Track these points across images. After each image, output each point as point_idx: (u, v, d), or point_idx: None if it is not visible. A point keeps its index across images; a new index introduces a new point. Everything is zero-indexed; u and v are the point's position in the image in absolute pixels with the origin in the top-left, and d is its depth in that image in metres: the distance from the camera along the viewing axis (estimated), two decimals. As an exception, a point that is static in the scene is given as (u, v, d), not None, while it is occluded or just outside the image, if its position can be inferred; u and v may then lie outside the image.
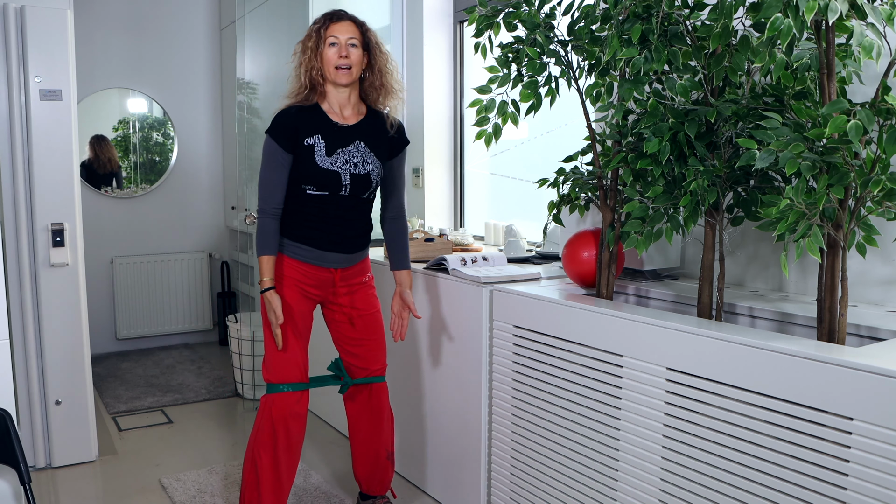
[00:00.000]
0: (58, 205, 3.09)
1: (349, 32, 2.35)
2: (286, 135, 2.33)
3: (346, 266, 2.47)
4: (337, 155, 2.36)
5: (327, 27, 2.35)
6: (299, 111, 2.37)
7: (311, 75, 2.36)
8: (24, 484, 1.91)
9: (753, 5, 1.81)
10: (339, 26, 2.35)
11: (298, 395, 2.41)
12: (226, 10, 5.15)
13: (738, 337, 1.69)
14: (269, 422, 2.39)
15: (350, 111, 2.43)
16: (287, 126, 2.34)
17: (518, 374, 2.38)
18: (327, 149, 2.36)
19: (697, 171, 1.89)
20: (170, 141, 5.23)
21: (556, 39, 2.19)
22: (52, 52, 3.03)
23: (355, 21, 2.39)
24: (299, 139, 2.34)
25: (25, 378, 3.13)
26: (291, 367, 2.40)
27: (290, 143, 2.34)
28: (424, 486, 2.95)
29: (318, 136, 2.35)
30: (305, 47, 2.37)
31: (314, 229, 2.39)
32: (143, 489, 3.03)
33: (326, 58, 2.34)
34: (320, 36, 2.35)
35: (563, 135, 3.33)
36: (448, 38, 4.01)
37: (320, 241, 2.40)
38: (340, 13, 2.39)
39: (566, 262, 2.42)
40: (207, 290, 5.38)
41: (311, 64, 2.35)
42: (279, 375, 2.39)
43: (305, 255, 2.40)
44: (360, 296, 2.52)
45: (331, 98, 2.40)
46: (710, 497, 1.77)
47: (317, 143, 2.35)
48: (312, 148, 2.35)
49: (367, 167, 2.41)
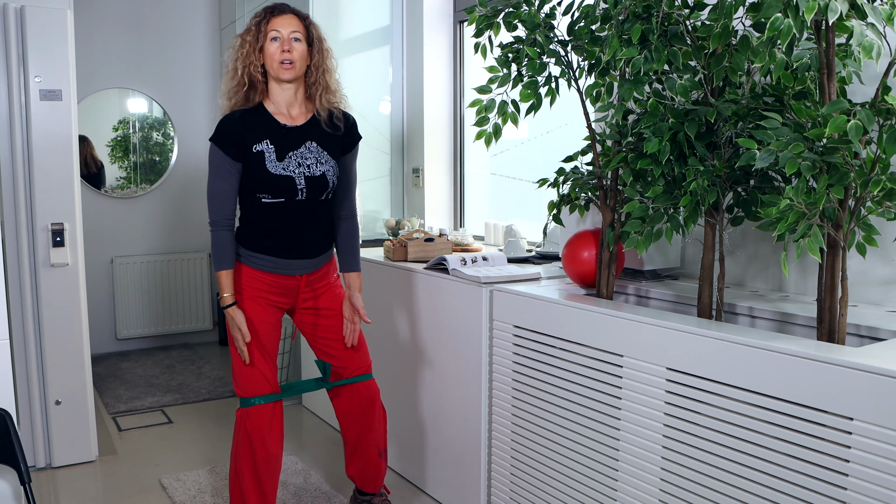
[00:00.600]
0: (58, 205, 3.09)
1: (292, 26, 2.26)
2: (232, 142, 2.25)
3: (311, 271, 2.42)
4: (288, 159, 2.28)
5: (268, 21, 2.26)
6: (244, 115, 2.28)
7: (249, 71, 2.27)
8: (24, 484, 1.91)
9: (753, 5, 1.81)
10: (281, 20, 2.26)
11: (272, 406, 2.38)
12: (226, 10, 5.16)
13: (738, 337, 1.69)
14: (245, 436, 2.37)
15: (298, 110, 2.34)
16: (233, 133, 2.25)
17: (518, 374, 2.38)
18: (277, 153, 2.27)
19: (697, 171, 1.89)
20: (170, 141, 5.23)
21: (556, 39, 2.19)
22: (52, 52, 3.03)
23: (298, 14, 2.30)
24: (247, 146, 2.26)
25: (25, 378, 3.13)
26: (259, 380, 2.36)
27: (238, 151, 2.26)
28: (424, 486, 2.95)
29: (267, 141, 2.27)
30: (244, 41, 2.27)
31: (273, 238, 2.33)
32: (143, 489, 3.03)
33: (268, 53, 2.25)
34: (260, 30, 2.25)
35: (563, 135, 3.33)
36: (448, 38, 4.01)
37: (281, 250, 2.34)
38: (283, 6, 2.30)
39: (566, 262, 2.42)
40: (207, 290, 5.38)
41: (248, 59, 2.26)
42: (249, 389, 2.36)
43: (268, 266, 2.35)
44: (324, 297, 2.47)
45: (275, 97, 2.32)
46: (710, 497, 1.77)
47: (266, 148, 2.26)
48: (262, 154, 2.26)
49: (322, 167, 2.33)
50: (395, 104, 4.16)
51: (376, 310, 3.11)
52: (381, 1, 4.18)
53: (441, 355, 2.76)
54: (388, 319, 3.07)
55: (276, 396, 2.40)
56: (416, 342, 2.91)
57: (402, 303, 2.96)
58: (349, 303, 2.47)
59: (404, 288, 2.95)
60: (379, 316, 3.11)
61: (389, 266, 3.04)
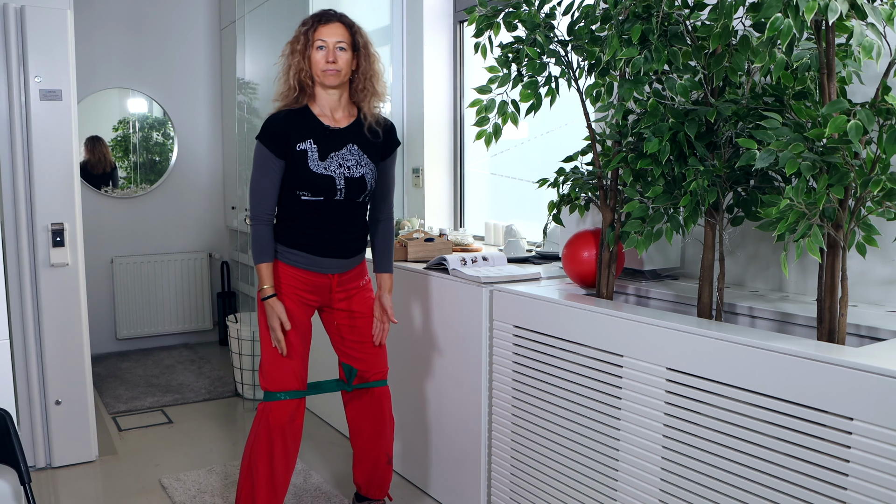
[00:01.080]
0: (58, 205, 3.09)
1: (337, 35, 2.31)
2: (277, 140, 2.30)
3: (343, 271, 2.45)
4: (330, 159, 2.34)
5: (315, 29, 2.30)
6: (289, 115, 2.34)
7: (299, 77, 2.33)
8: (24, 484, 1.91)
9: (753, 5, 1.81)
10: (327, 29, 2.30)
11: (296, 403, 2.39)
12: (226, 10, 5.16)
13: (738, 337, 1.68)
14: (265, 430, 2.37)
15: (341, 113, 2.40)
16: (278, 131, 2.31)
17: (518, 374, 2.38)
18: (320, 153, 2.33)
19: (697, 171, 1.89)
20: (170, 141, 5.23)
21: (556, 39, 2.19)
22: (52, 52, 3.03)
23: (344, 22, 2.35)
24: (291, 144, 2.31)
25: (25, 378, 3.13)
26: (289, 375, 2.38)
27: (282, 149, 2.31)
28: (424, 486, 2.95)
29: (311, 141, 2.33)
30: (294, 49, 2.33)
31: (310, 235, 2.37)
32: (143, 489, 3.03)
33: (314, 61, 2.30)
34: (308, 38, 2.31)
35: (563, 135, 3.33)
36: (448, 38, 4.01)
37: (316, 248, 2.38)
38: (329, 14, 2.34)
39: (566, 262, 2.42)
40: (207, 290, 5.38)
41: (299, 66, 2.32)
42: (276, 384, 2.38)
43: (302, 262, 2.38)
44: (357, 299, 2.50)
45: (321, 100, 2.37)
46: (710, 497, 1.77)
47: (309, 147, 2.32)
48: (305, 153, 2.32)
49: (362, 170, 2.38)
50: (395, 104, 4.16)
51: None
52: (381, 1, 4.18)
53: (441, 355, 2.76)
54: (388, 319, 3.07)
55: (302, 394, 2.41)
56: (416, 342, 2.91)
57: (403, 303, 2.96)
58: (379, 303, 2.51)
59: (404, 288, 2.95)
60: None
61: (389, 266, 3.04)
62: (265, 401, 2.39)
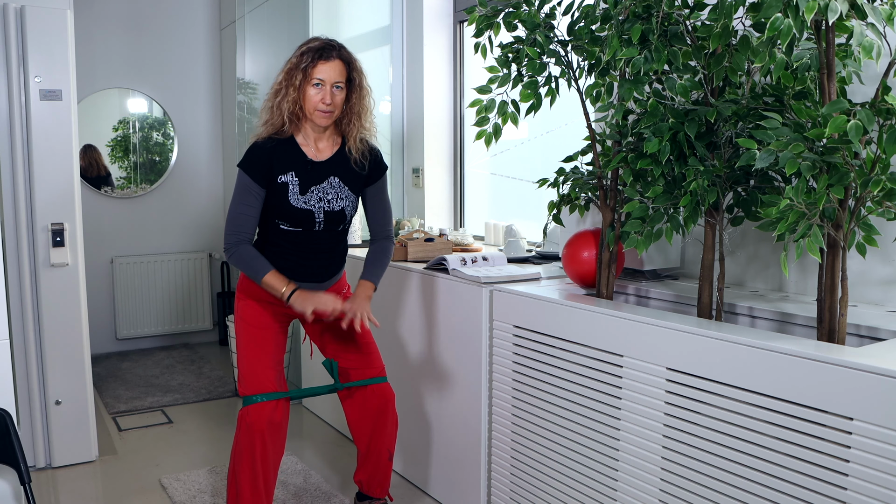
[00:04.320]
0: (58, 205, 3.09)
1: (335, 76, 2.26)
2: (260, 170, 2.29)
3: (322, 290, 2.45)
4: (310, 193, 2.33)
5: (314, 65, 2.25)
6: (274, 146, 2.31)
7: (290, 109, 2.29)
8: (24, 484, 1.91)
9: (753, 5, 1.81)
10: (326, 67, 2.25)
11: (273, 404, 2.38)
12: (226, 10, 5.16)
13: (738, 337, 1.69)
14: (246, 434, 2.36)
15: (325, 143, 2.38)
16: (261, 161, 2.30)
17: (518, 374, 2.38)
18: (301, 187, 2.32)
19: (697, 171, 1.89)
20: (170, 141, 5.23)
21: (556, 39, 2.19)
22: (52, 52, 3.03)
23: (343, 59, 2.29)
24: (273, 175, 2.30)
25: (25, 378, 3.13)
26: (264, 378, 2.38)
27: (265, 179, 2.30)
28: (424, 485, 2.95)
29: (292, 174, 2.31)
30: (290, 83, 2.28)
31: (288, 259, 2.38)
32: (143, 489, 3.03)
33: (308, 96, 2.27)
34: (306, 74, 2.26)
35: (563, 135, 3.33)
36: (448, 38, 4.01)
37: (295, 272, 2.38)
38: (330, 49, 2.28)
39: (566, 262, 2.42)
40: (207, 290, 5.38)
41: (293, 99, 2.27)
42: (252, 387, 2.37)
43: None
44: None
45: (306, 132, 2.36)
46: (710, 497, 1.77)
47: (290, 180, 2.31)
48: (286, 186, 2.31)
49: (342, 203, 2.38)
50: (395, 104, 4.16)
51: (376, 310, 3.12)
52: (381, 1, 4.18)
53: (441, 355, 2.76)
54: (388, 320, 3.07)
55: (278, 395, 2.40)
56: (416, 342, 2.91)
57: (402, 303, 2.96)
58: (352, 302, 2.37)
59: (404, 288, 2.95)
60: (379, 316, 3.11)
61: (389, 266, 3.04)
62: (244, 405, 2.39)
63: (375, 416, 2.54)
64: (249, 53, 4.80)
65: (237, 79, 4.89)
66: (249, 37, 4.77)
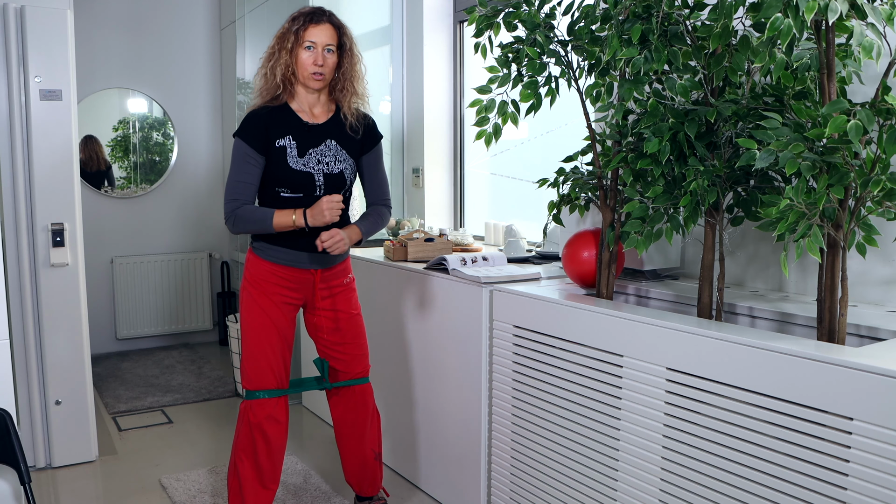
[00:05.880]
0: (58, 205, 3.09)
1: (327, 38, 2.30)
2: (257, 136, 2.30)
3: (326, 267, 2.45)
4: (309, 155, 2.34)
5: (305, 28, 2.29)
6: (270, 112, 2.34)
7: (283, 74, 2.31)
8: (24, 484, 1.91)
9: (753, 5, 1.81)
10: (317, 30, 2.29)
11: (275, 401, 2.40)
12: (226, 10, 5.16)
13: (738, 337, 1.69)
14: (247, 428, 2.39)
15: (320, 109, 2.40)
16: (258, 127, 2.31)
17: (518, 374, 2.38)
18: (299, 149, 2.33)
19: (697, 171, 1.89)
20: (170, 141, 5.23)
21: (556, 39, 2.19)
22: (52, 52, 3.03)
23: (333, 23, 2.33)
24: (270, 140, 2.32)
25: (25, 378, 3.13)
26: (268, 373, 2.39)
27: (262, 145, 2.31)
28: (425, 485, 2.95)
29: (290, 137, 2.33)
30: (282, 47, 2.31)
31: (291, 232, 2.36)
32: (143, 489, 3.03)
33: (300, 60, 2.30)
34: (297, 37, 2.29)
35: (563, 135, 3.33)
36: (448, 38, 4.01)
37: (298, 243, 2.37)
38: (320, 14, 2.33)
39: (566, 262, 2.42)
40: (207, 290, 5.38)
41: (286, 64, 2.31)
42: (255, 382, 2.39)
43: (283, 258, 2.38)
44: (341, 297, 2.50)
45: (300, 97, 2.38)
46: (710, 497, 1.77)
47: (288, 143, 2.32)
48: (284, 149, 2.32)
49: (341, 165, 2.38)
50: (395, 104, 4.16)
51: (376, 310, 3.12)
52: (381, 1, 4.18)
53: (441, 355, 2.76)
54: (388, 319, 3.07)
55: (280, 392, 2.41)
56: (416, 342, 2.91)
57: (402, 303, 2.96)
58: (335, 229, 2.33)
59: (404, 288, 2.95)
60: (379, 316, 3.11)
61: (389, 266, 3.04)
62: (246, 399, 2.41)
63: (359, 415, 2.56)
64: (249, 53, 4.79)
65: (237, 79, 4.88)
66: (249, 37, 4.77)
